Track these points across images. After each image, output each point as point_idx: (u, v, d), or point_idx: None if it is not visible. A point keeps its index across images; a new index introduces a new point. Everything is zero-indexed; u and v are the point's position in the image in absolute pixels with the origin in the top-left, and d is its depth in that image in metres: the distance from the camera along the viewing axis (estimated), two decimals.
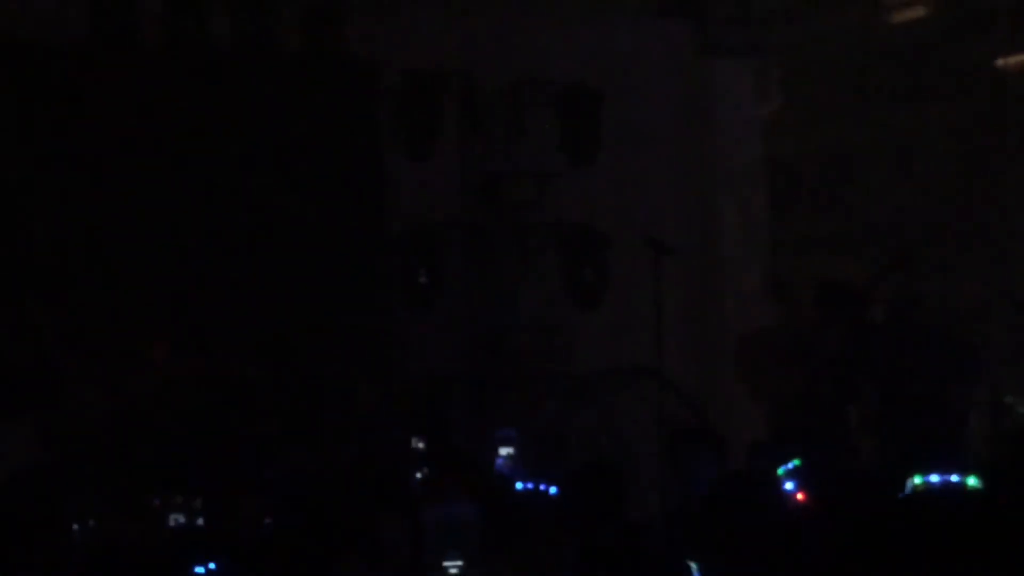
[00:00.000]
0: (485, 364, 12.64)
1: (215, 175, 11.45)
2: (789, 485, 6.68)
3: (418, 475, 9.29)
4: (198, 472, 9.27)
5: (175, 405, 10.00)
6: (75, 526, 7.84)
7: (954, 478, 4.85)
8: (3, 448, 8.79)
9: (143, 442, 9.48)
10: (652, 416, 11.55)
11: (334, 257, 11.97)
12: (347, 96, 12.36)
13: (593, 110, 12.85)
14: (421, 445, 10.67)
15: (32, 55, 11.09)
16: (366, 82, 12.40)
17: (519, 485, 8.07)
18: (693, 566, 4.38)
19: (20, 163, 10.74)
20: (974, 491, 4.64)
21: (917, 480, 4.83)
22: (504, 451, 9.74)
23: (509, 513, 6.84)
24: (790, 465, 8.21)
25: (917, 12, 14.08)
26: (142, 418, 9.66)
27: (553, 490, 7.41)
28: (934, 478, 4.81)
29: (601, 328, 12.56)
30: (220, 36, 11.75)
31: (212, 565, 6.11)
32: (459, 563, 5.65)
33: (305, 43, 12.12)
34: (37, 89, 10.93)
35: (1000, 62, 15.00)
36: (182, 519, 8.60)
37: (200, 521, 8.69)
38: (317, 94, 12.17)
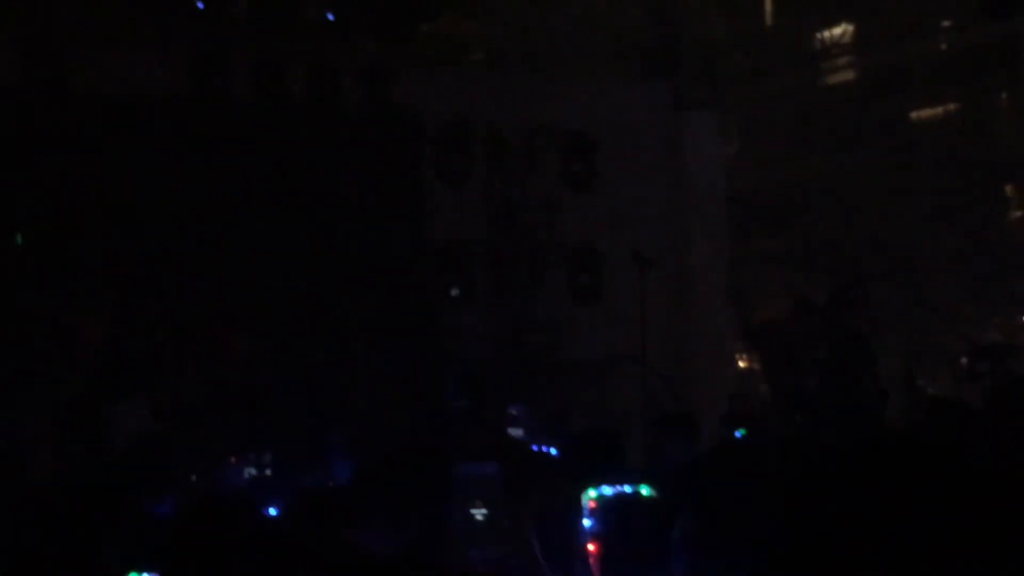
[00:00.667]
0: (505, 354, 12.55)
1: (296, 203, 11.43)
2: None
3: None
4: (271, 435, 9.27)
5: (254, 383, 10.09)
6: (192, 477, 7.92)
7: (627, 488, 4.23)
8: (125, 421, 8.82)
9: (229, 412, 9.51)
10: (637, 394, 11.66)
11: (385, 267, 11.94)
12: (396, 140, 12.29)
13: (590, 152, 12.77)
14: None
15: (144, 109, 11.05)
16: (411, 129, 12.33)
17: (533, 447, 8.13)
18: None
19: (139, 193, 10.73)
20: (649, 499, 4.15)
21: (592, 493, 4.18)
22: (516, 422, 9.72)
23: (523, 469, 6.88)
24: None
25: (848, 75, 14.12)
26: (228, 394, 9.72)
27: (553, 451, 7.42)
28: (607, 490, 4.18)
29: (597, 324, 12.48)
30: (297, 92, 11.73)
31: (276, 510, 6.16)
32: (484, 511, 5.59)
33: (363, 98, 12.01)
34: (148, 134, 10.88)
35: (914, 115, 15.05)
36: (254, 471, 8.58)
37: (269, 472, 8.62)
38: (373, 139, 12.11)
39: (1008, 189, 14.75)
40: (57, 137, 10.46)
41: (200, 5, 11.30)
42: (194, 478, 7.85)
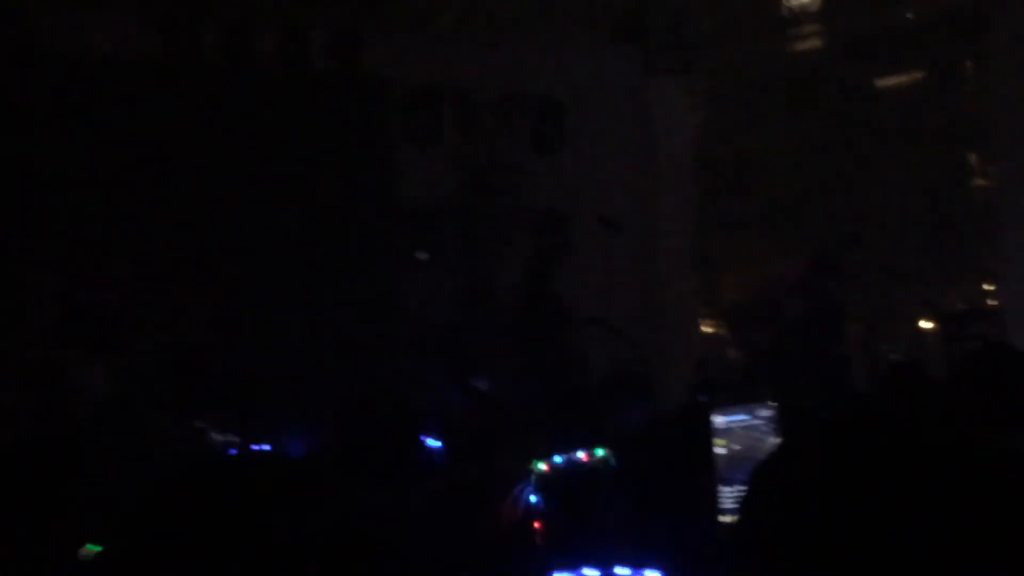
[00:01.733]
0: (473, 315, 12.51)
1: (262, 166, 11.29)
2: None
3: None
4: (234, 398, 9.24)
5: (216, 345, 10.03)
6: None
7: (581, 455, 3.89)
8: (86, 382, 8.76)
9: (191, 375, 9.46)
10: (603, 358, 11.63)
11: (354, 230, 11.86)
12: (366, 105, 12.20)
13: (558, 116, 12.83)
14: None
15: (116, 70, 10.99)
16: (381, 93, 12.28)
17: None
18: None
19: (102, 153, 10.58)
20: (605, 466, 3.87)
21: (540, 465, 3.86)
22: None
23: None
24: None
25: (815, 43, 14.09)
26: (190, 356, 9.64)
27: None
28: (557, 459, 3.87)
29: (564, 287, 12.35)
30: (265, 55, 11.71)
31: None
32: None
33: (332, 62, 11.99)
34: (117, 100, 10.80)
35: (879, 82, 15.02)
36: (220, 437, 8.54)
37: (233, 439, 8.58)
38: (343, 104, 12.01)
39: (972, 158, 14.75)
40: (20, 98, 10.34)
41: None
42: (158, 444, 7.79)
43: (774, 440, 3.54)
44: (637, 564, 2.61)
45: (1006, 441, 3.09)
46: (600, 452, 3.77)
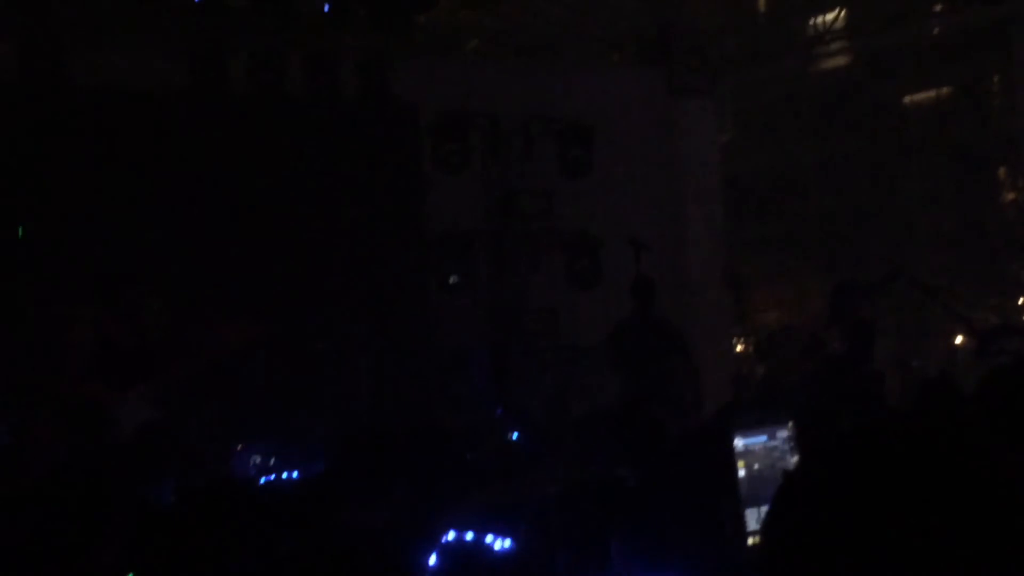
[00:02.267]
0: (504, 338, 12.46)
1: (293, 194, 11.31)
2: None
3: None
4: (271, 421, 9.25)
5: (253, 370, 10.03)
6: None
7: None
8: (123, 411, 8.77)
9: (229, 399, 9.48)
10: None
11: (385, 256, 11.81)
12: (394, 130, 12.19)
13: (587, 140, 12.76)
14: None
15: (146, 103, 11.02)
16: (410, 120, 12.26)
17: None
18: None
19: (137, 185, 10.59)
20: None
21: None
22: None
23: None
24: None
25: (841, 60, 14.06)
26: (228, 382, 9.65)
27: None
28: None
29: (594, 309, 12.35)
30: (295, 83, 11.69)
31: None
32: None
33: (361, 88, 11.99)
34: (146, 127, 10.80)
35: (907, 99, 14.98)
36: (259, 460, 8.54)
37: (272, 462, 8.60)
38: (372, 131, 11.99)
39: (1001, 172, 14.67)
40: (55, 131, 10.40)
41: (196, 2, 11.29)
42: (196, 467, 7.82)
43: (794, 459, 3.52)
44: None
45: None
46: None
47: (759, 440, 3.50)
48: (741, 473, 3.47)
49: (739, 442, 3.50)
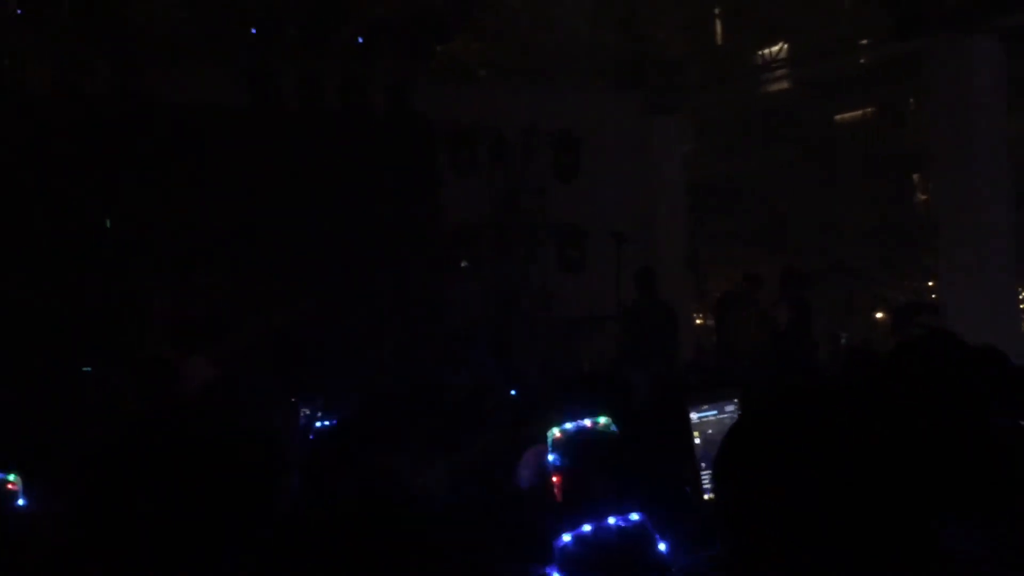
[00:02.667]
0: (505, 314, 12.49)
1: (333, 194, 11.32)
2: None
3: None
4: (316, 378, 9.19)
5: (302, 337, 10.05)
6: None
7: (587, 423, 3.71)
8: (191, 372, 8.77)
9: (284, 361, 9.46)
10: (613, 346, 11.61)
11: (408, 245, 11.87)
12: (415, 140, 12.20)
13: (575, 149, 12.77)
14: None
15: (213, 116, 11.00)
16: (429, 131, 12.25)
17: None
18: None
19: (205, 184, 10.64)
20: (608, 432, 3.72)
21: (556, 430, 3.69)
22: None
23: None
24: None
25: (784, 84, 14.03)
26: (282, 347, 9.66)
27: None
28: (569, 425, 3.69)
29: (581, 290, 12.34)
30: (333, 101, 11.70)
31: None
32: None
33: (389, 106, 12.01)
34: (213, 136, 10.81)
35: (837, 117, 14.99)
36: (308, 411, 8.51)
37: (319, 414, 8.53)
38: (398, 141, 12.02)
39: (915, 178, 14.69)
40: (141, 137, 10.42)
41: (253, 31, 11.27)
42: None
43: None
44: (627, 511, 2.61)
45: (941, 412, 3.08)
46: (602, 420, 3.68)
47: (710, 414, 3.51)
48: (697, 441, 3.49)
49: (694, 415, 3.50)
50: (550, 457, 3.58)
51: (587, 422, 3.63)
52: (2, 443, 5.61)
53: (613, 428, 3.65)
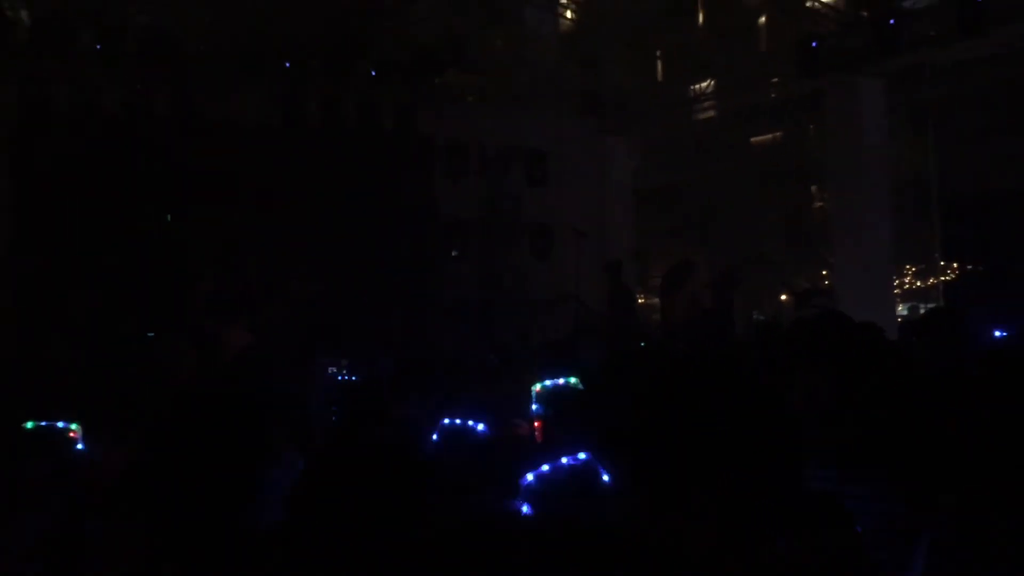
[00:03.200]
0: (489, 293, 12.42)
1: (350, 195, 11.20)
2: None
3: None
4: (335, 343, 9.14)
5: (323, 311, 9.92)
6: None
7: (561, 381, 3.72)
8: (230, 340, 8.69)
9: (309, 330, 9.38)
10: (573, 320, 11.53)
11: (409, 237, 11.79)
12: (418, 153, 12.08)
13: (544, 162, 12.67)
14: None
15: (250, 132, 10.85)
16: (428, 146, 12.13)
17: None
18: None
19: (244, 188, 10.46)
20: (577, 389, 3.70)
21: (537, 385, 3.67)
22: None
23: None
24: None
25: (711, 113, 13.97)
26: (307, 318, 9.55)
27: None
28: (548, 382, 3.68)
29: (548, 274, 12.28)
30: (351, 120, 11.59)
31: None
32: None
33: (396, 125, 11.88)
34: (252, 150, 10.64)
35: (754, 139, 14.88)
36: (334, 369, 8.46)
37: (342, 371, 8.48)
38: (403, 152, 11.92)
39: (813, 188, 14.62)
40: (191, 149, 10.26)
41: (287, 64, 11.13)
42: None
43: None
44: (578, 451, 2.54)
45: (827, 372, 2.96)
46: (572, 380, 3.70)
47: None
48: None
49: None
50: (533, 407, 3.57)
51: (560, 380, 3.65)
52: (68, 397, 5.49)
53: (580, 386, 3.65)
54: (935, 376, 3.14)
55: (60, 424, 3.40)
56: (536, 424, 3.57)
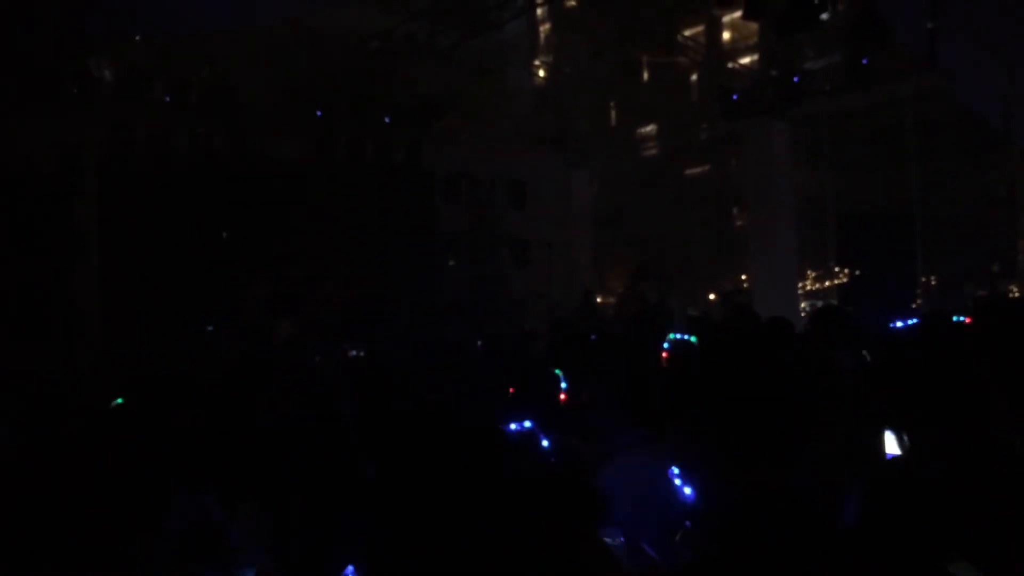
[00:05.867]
0: (477, 293, 12.47)
1: (368, 218, 11.28)
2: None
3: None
4: (361, 332, 9.13)
5: (350, 310, 10.05)
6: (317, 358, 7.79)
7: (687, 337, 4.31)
8: (279, 332, 8.77)
9: (340, 324, 9.40)
10: (545, 316, 11.70)
11: (414, 249, 11.86)
12: (422, 182, 12.18)
13: (522, 188, 12.78)
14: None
15: (288, 167, 10.79)
16: (430, 176, 12.23)
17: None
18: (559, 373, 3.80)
19: (286, 213, 10.44)
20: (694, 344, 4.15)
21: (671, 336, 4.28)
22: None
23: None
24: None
25: (653, 151, 14.17)
26: (339, 315, 9.63)
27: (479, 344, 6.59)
28: (673, 336, 4.31)
29: (526, 279, 12.36)
30: (370, 156, 11.71)
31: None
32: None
33: (404, 159, 11.99)
34: (290, 182, 10.61)
35: (687, 171, 15.09)
36: (355, 352, 8.42)
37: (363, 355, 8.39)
38: (410, 182, 12.01)
39: (735, 209, 14.88)
40: (243, 179, 10.35)
41: (319, 113, 11.25)
42: (318, 359, 7.86)
43: None
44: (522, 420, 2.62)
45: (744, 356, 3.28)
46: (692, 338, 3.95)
47: None
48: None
49: None
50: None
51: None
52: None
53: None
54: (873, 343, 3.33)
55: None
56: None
